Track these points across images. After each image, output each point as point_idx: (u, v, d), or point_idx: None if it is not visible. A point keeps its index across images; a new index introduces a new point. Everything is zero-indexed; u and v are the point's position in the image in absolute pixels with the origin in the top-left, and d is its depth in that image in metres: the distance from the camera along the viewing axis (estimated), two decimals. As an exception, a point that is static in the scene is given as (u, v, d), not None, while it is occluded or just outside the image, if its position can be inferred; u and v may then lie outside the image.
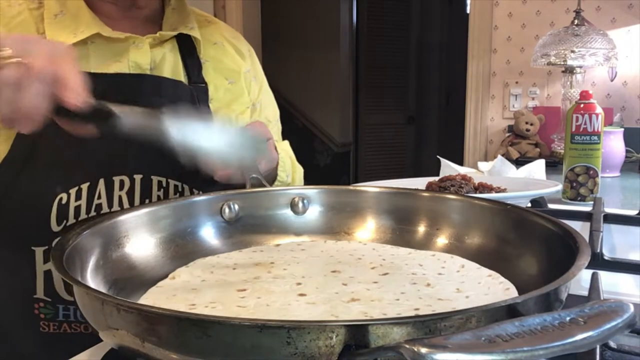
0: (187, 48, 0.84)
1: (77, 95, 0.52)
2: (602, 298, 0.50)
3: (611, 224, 0.74)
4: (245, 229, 0.61)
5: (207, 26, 0.90)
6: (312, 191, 0.65)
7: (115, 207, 0.73)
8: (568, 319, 0.28)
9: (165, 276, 0.52)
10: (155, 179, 0.76)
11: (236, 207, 0.61)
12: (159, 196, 0.75)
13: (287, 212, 0.63)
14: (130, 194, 0.74)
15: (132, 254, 0.53)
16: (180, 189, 0.77)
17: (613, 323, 0.28)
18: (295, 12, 4.31)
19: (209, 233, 0.60)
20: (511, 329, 0.27)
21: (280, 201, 0.64)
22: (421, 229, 0.61)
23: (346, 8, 4.30)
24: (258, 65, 0.99)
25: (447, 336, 0.27)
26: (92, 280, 0.47)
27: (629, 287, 0.63)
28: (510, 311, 0.33)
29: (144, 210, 0.56)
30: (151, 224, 0.56)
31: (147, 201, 0.75)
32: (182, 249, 0.56)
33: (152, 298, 0.48)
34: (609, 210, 0.78)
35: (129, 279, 0.51)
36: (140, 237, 0.54)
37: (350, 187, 0.67)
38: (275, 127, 1.01)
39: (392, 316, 0.42)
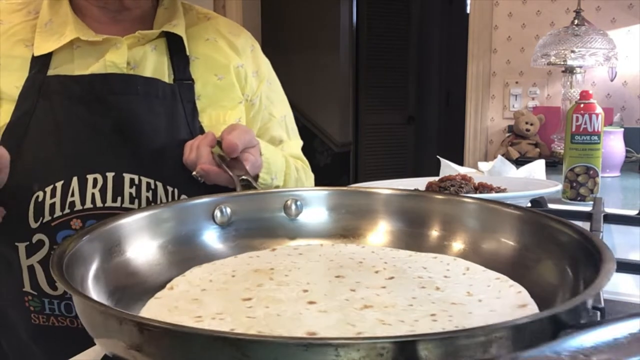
0: (176, 46, 0.84)
1: None
2: (602, 298, 0.49)
3: (611, 224, 0.73)
4: (238, 233, 0.59)
5: (204, 22, 0.90)
6: (305, 193, 0.63)
7: (88, 204, 0.75)
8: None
9: (161, 283, 0.51)
10: (127, 177, 0.76)
11: (228, 210, 0.59)
12: (130, 193, 0.76)
13: (281, 214, 0.61)
14: (103, 191, 0.75)
15: (129, 261, 0.51)
16: (153, 186, 0.78)
17: None
18: (295, 12, 4.31)
19: (205, 238, 0.58)
20: (587, 344, 0.26)
21: (273, 204, 0.61)
22: (433, 232, 0.59)
23: (346, 8, 4.30)
24: (262, 61, 0.97)
25: (522, 352, 0.26)
26: (93, 288, 0.45)
27: (629, 287, 0.63)
28: (553, 321, 0.31)
29: (139, 216, 0.55)
30: (147, 229, 0.54)
31: (119, 198, 0.76)
32: (176, 255, 0.54)
33: (153, 310, 0.46)
34: (609, 210, 0.77)
35: (125, 288, 0.49)
36: (136, 244, 0.53)
37: (345, 188, 0.65)
38: (282, 124, 0.99)
39: (409, 322, 0.41)
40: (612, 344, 0.26)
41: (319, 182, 0.66)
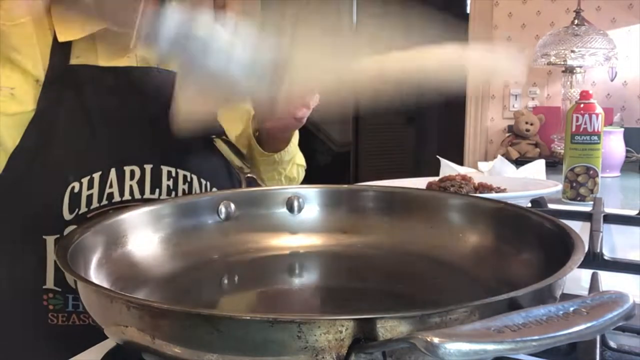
0: None
1: None
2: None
3: (611, 224, 0.73)
4: (242, 228, 0.62)
5: None
6: (307, 190, 0.65)
7: (127, 197, 0.74)
8: (571, 309, 0.29)
9: (163, 274, 0.53)
10: (164, 169, 0.77)
11: (232, 206, 0.62)
12: (168, 186, 0.77)
13: (283, 211, 0.64)
14: (141, 183, 0.75)
15: (131, 253, 0.53)
16: (189, 179, 0.79)
17: (614, 313, 0.29)
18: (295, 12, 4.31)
19: (206, 232, 0.60)
20: (518, 320, 0.28)
21: (276, 200, 0.64)
22: (417, 227, 0.62)
23: (346, 8, 4.30)
24: None
25: (457, 327, 0.28)
26: (96, 278, 0.47)
27: (629, 287, 0.63)
28: (512, 304, 0.34)
29: (143, 210, 0.57)
30: (150, 223, 0.56)
31: (157, 190, 0.76)
32: (181, 247, 0.56)
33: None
34: (609, 210, 0.77)
35: (130, 277, 0.51)
36: (139, 237, 0.55)
37: (346, 186, 0.68)
38: None
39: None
40: (542, 321, 0.28)
41: (319, 182, 0.67)
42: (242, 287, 0.48)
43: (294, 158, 0.93)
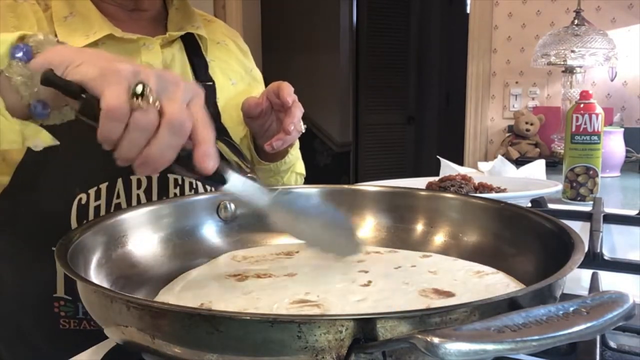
0: (193, 47, 0.86)
1: (208, 159, 0.48)
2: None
3: (611, 224, 0.73)
4: (242, 228, 0.62)
5: (208, 25, 0.91)
6: (307, 190, 0.65)
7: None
8: (571, 309, 0.29)
9: (163, 274, 0.53)
10: (171, 177, 0.77)
11: (232, 206, 0.62)
12: (175, 193, 0.77)
13: None
14: (148, 192, 0.75)
15: (131, 253, 0.53)
16: (194, 186, 0.79)
17: (614, 313, 0.29)
18: (295, 12, 4.31)
19: (206, 232, 0.60)
20: (518, 320, 0.28)
21: None
22: (418, 227, 0.62)
23: (346, 8, 4.30)
24: (255, 64, 1.01)
25: (457, 327, 0.28)
26: (96, 278, 0.47)
27: (629, 287, 0.63)
28: (512, 304, 0.33)
29: (143, 210, 0.57)
30: (150, 223, 0.56)
31: (164, 199, 0.76)
32: (181, 247, 0.57)
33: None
34: (609, 210, 0.78)
35: (129, 277, 0.51)
36: (139, 237, 0.55)
37: (346, 187, 0.68)
38: None
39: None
40: (543, 321, 0.28)
41: (319, 182, 0.67)
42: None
43: (293, 167, 0.93)
